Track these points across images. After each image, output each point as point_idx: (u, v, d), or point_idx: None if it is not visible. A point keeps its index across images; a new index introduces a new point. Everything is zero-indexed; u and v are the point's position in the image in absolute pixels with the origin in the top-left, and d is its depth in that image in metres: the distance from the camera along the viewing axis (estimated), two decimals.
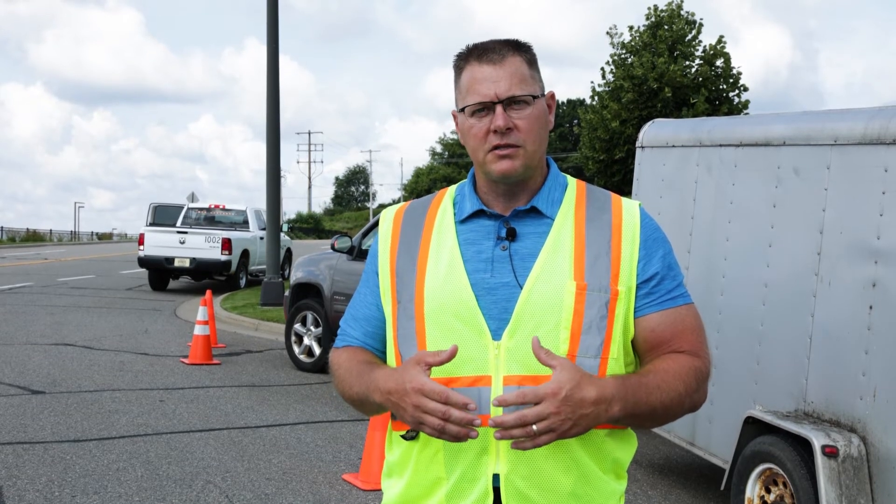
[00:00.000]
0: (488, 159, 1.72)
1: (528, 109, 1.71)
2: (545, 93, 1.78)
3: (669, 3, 23.95)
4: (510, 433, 1.54)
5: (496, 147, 1.71)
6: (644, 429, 1.78)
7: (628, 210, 1.77)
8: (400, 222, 1.84)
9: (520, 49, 1.75)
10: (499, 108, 1.69)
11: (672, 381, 1.66)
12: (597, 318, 1.67)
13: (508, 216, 1.75)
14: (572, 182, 1.83)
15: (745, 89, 23.48)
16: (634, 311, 1.72)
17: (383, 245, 1.83)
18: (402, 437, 1.74)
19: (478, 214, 1.78)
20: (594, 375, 1.59)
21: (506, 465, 1.64)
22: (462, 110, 1.75)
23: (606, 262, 1.70)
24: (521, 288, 1.68)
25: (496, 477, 1.65)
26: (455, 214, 1.80)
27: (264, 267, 17.81)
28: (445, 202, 1.83)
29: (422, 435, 1.70)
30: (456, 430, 1.55)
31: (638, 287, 1.72)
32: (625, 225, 1.74)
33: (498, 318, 1.67)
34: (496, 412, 1.61)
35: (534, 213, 1.76)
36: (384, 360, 1.82)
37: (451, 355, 1.59)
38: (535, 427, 1.52)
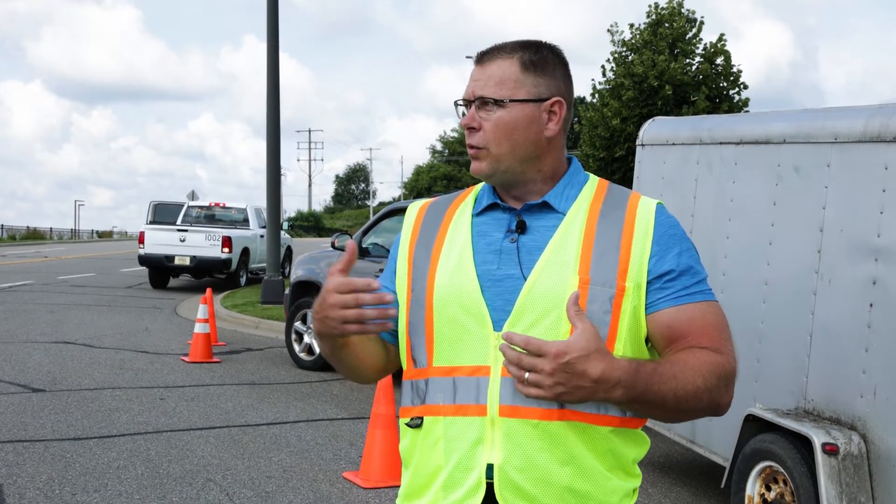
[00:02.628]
0: (469, 156, 1.80)
1: (498, 112, 1.72)
2: (544, 97, 1.75)
3: (670, 1, 23.95)
4: (508, 367, 1.55)
5: (468, 145, 1.77)
6: (659, 420, 1.74)
7: (644, 207, 1.76)
8: (423, 215, 1.88)
9: (522, 50, 1.75)
10: (472, 107, 1.74)
11: (690, 373, 1.62)
12: (599, 313, 1.65)
13: (520, 209, 1.77)
14: (593, 180, 1.83)
15: (745, 87, 23.48)
16: (647, 308, 1.69)
17: (405, 236, 1.88)
18: (407, 424, 1.77)
19: (493, 207, 1.81)
20: (609, 353, 1.55)
21: (500, 456, 1.64)
22: None
23: (614, 258, 1.68)
24: (525, 280, 1.68)
25: (491, 468, 1.65)
26: (473, 208, 1.84)
27: (265, 265, 17.80)
28: (469, 197, 1.88)
29: (424, 423, 1.72)
30: (374, 314, 1.61)
31: (650, 283, 1.69)
32: (637, 221, 1.73)
33: (501, 309, 1.68)
34: (493, 392, 1.65)
35: (546, 207, 1.77)
36: (383, 337, 1.86)
37: (352, 251, 1.67)
38: (526, 375, 1.52)
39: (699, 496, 5.72)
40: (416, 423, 1.74)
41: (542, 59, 1.76)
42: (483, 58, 1.76)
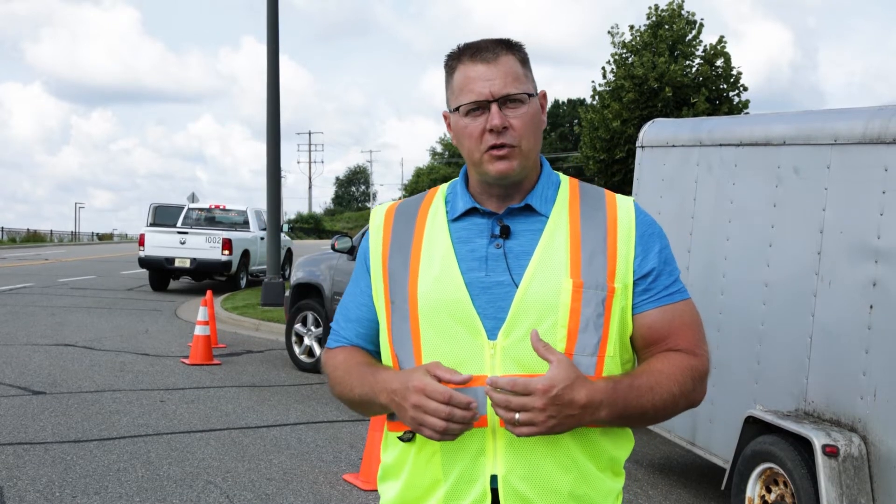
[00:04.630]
0: (485, 160, 1.70)
1: (523, 108, 1.69)
2: (538, 92, 1.76)
3: (670, 3, 23.97)
4: (497, 411, 1.55)
5: (492, 147, 1.68)
6: (636, 427, 1.78)
7: (623, 206, 1.76)
8: (391, 221, 1.81)
9: (512, 48, 1.73)
10: (494, 107, 1.67)
11: (666, 382, 1.65)
12: (593, 315, 1.65)
13: (502, 214, 1.73)
14: (565, 180, 1.82)
15: (745, 89, 23.49)
16: (633, 308, 1.70)
17: (374, 245, 1.81)
18: (399, 438, 1.73)
19: (471, 212, 1.76)
20: (587, 377, 1.58)
21: (503, 466, 1.63)
22: (456, 110, 1.72)
23: (602, 260, 1.68)
24: (517, 286, 1.66)
25: (494, 478, 1.64)
26: (447, 213, 1.78)
27: (265, 267, 17.82)
28: (437, 201, 1.81)
29: (419, 437, 1.69)
30: (458, 430, 1.57)
31: (635, 283, 1.70)
32: (620, 222, 1.73)
33: (493, 317, 1.65)
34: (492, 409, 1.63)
35: (528, 210, 1.74)
36: (379, 360, 1.81)
37: (464, 381, 1.59)
38: (517, 416, 1.53)
39: (699, 498, 5.72)
40: (408, 437, 1.71)
41: (525, 55, 1.76)
42: (485, 56, 1.70)
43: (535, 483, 1.63)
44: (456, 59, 1.74)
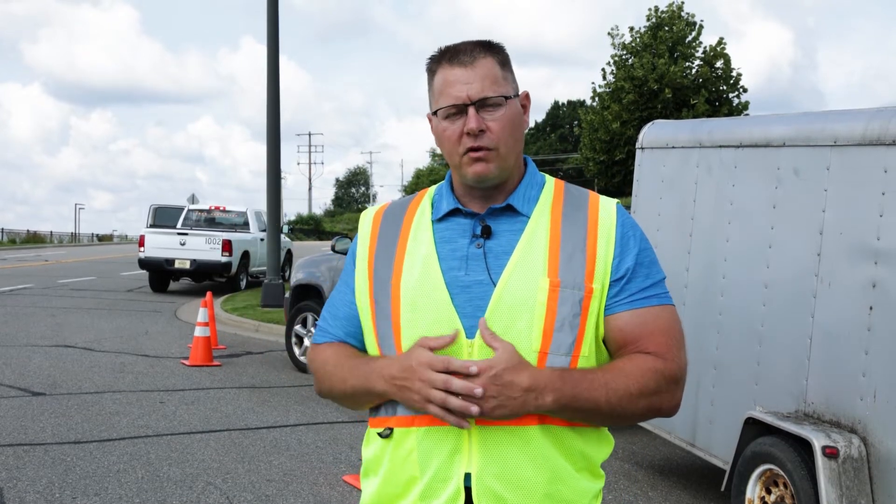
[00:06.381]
0: (463, 162, 1.71)
1: (500, 111, 1.70)
2: (519, 93, 1.77)
3: (670, 5, 23.99)
4: (433, 393, 1.59)
5: (470, 150, 1.70)
6: (602, 426, 1.76)
7: (605, 208, 1.76)
8: (379, 222, 1.84)
9: (492, 50, 1.74)
10: (471, 111, 1.69)
11: (623, 379, 1.64)
12: (570, 315, 1.66)
13: (484, 214, 1.75)
14: (550, 181, 1.83)
15: (745, 90, 23.51)
16: (605, 309, 1.70)
17: (362, 245, 1.83)
18: (379, 434, 1.74)
19: (454, 213, 1.78)
20: (531, 364, 1.61)
21: (477, 465, 1.64)
22: (435, 113, 1.74)
23: (581, 260, 1.69)
24: (495, 285, 1.67)
25: (469, 476, 1.65)
26: (432, 214, 1.80)
27: (265, 268, 17.83)
28: (424, 202, 1.83)
29: (395, 433, 1.71)
30: (457, 403, 1.57)
31: (611, 285, 1.70)
32: (601, 222, 1.73)
33: (472, 315, 1.67)
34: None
35: (510, 211, 1.75)
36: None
37: (452, 339, 1.63)
38: (456, 400, 1.57)
39: (699, 499, 5.72)
40: (386, 434, 1.72)
41: (505, 56, 1.77)
42: (462, 59, 1.71)
43: (509, 481, 1.64)
44: (436, 62, 1.75)
